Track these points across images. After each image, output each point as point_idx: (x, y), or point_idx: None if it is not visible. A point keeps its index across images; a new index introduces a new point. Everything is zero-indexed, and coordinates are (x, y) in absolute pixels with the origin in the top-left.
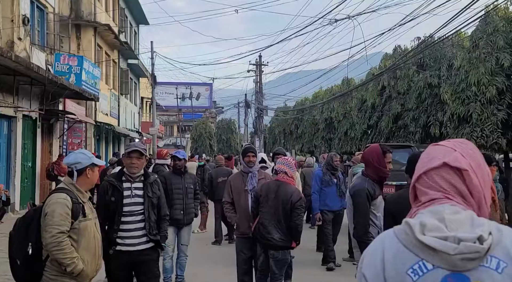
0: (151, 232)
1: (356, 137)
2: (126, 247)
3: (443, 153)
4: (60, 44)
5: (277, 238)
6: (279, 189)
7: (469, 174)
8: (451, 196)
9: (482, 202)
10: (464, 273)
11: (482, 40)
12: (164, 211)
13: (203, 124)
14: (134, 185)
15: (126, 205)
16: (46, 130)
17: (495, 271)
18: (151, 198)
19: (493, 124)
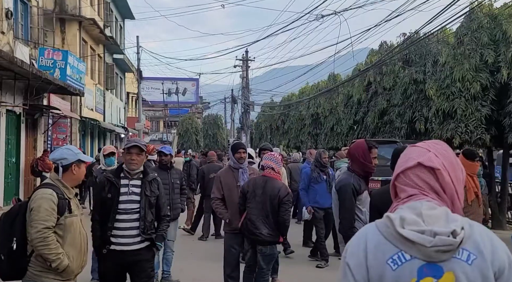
0: (145, 232)
1: (342, 133)
2: (120, 247)
3: (418, 154)
4: (44, 38)
5: (265, 233)
6: (266, 185)
7: (441, 173)
8: (426, 192)
9: (455, 198)
10: (438, 264)
11: (466, 36)
12: (165, 211)
13: (190, 120)
14: (132, 182)
15: (121, 203)
16: (31, 126)
17: (465, 262)
18: (148, 197)
19: (477, 119)
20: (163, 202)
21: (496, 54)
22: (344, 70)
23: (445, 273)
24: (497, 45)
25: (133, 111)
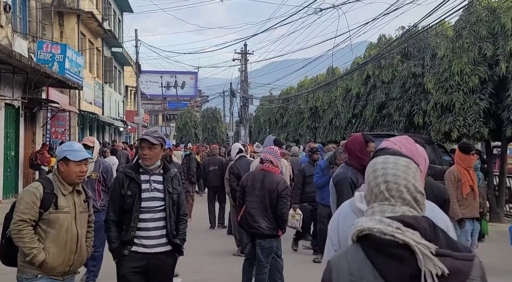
0: (171, 232)
1: (340, 126)
2: (143, 249)
3: (387, 146)
4: (43, 31)
5: (265, 227)
6: (265, 179)
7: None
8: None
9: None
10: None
11: (465, 29)
12: (183, 210)
13: (188, 113)
14: (153, 178)
15: (144, 200)
16: (29, 119)
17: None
18: (172, 194)
19: (475, 113)
20: (182, 200)
21: (494, 47)
22: (343, 64)
23: None
24: (495, 38)
25: (132, 105)
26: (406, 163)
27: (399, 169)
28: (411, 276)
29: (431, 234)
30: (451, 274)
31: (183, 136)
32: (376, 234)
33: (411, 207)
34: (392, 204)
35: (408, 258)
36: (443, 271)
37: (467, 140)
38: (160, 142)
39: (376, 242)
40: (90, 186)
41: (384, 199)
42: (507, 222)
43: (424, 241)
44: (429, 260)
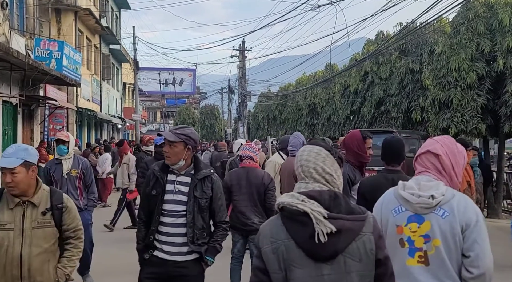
0: (194, 241)
1: (339, 123)
2: (163, 254)
3: (429, 144)
4: (40, 28)
5: (257, 222)
6: (249, 175)
7: (442, 158)
8: (429, 170)
9: (453, 176)
10: (421, 215)
11: (463, 25)
12: (221, 216)
13: (187, 110)
14: (179, 179)
15: (166, 202)
16: (27, 116)
17: (440, 216)
18: (198, 198)
19: (473, 109)
20: (219, 205)
21: (492, 44)
22: (341, 60)
23: (425, 221)
24: (493, 34)
25: (130, 102)
26: (317, 150)
27: (311, 156)
28: (310, 235)
29: (330, 203)
30: (342, 231)
31: None
32: (287, 206)
33: (321, 183)
34: (306, 182)
35: (307, 222)
36: (331, 229)
37: (464, 137)
38: (182, 140)
39: (287, 212)
40: (71, 184)
41: (301, 179)
42: (504, 217)
43: (319, 209)
44: (321, 223)
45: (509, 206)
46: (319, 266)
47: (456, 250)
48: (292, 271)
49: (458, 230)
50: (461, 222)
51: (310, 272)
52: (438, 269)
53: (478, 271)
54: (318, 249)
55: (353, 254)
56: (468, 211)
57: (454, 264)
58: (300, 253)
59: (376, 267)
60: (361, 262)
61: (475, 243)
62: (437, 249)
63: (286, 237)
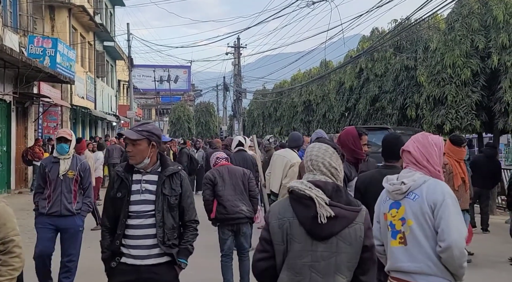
0: (164, 242)
1: (334, 120)
2: (132, 260)
3: (406, 143)
4: (34, 25)
5: (246, 210)
6: (229, 169)
7: (412, 153)
8: (408, 164)
9: (429, 167)
10: (399, 201)
11: (457, 22)
12: (191, 215)
13: (182, 107)
14: (145, 177)
15: (133, 203)
16: (21, 114)
17: (411, 200)
18: (167, 196)
19: (467, 105)
20: (188, 203)
21: (486, 40)
22: (336, 57)
23: (401, 206)
24: (487, 30)
25: (124, 99)
26: (325, 148)
27: (320, 152)
28: (312, 217)
29: (332, 193)
30: (338, 218)
31: (177, 131)
32: (296, 190)
33: (326, 176)
34: (314, 174)
35: (311, 205)
36: (331, 214)
37: (459, 133)
38: (145, 137)
39: (295, 195)
40: (65, 186)
41: (310, 171)
42: (498, 213)
43: (323, 196)
44: (322, 207)
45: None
46: (315, 244)
47: (429, 227)
48: (292, 244)
49: (427, 210)
50: (429, 202)
51: (307, 247)
52: (413, 247)
53: (444, 244)
54: (317, 229)
55: (345, 238)
56: (435, 193)
57: (430, 241)
58: (301, 230)
59: (363, 252)
60: (350, 246)
61: (441, 219)
62: (410, 229)
63: (292, 215)
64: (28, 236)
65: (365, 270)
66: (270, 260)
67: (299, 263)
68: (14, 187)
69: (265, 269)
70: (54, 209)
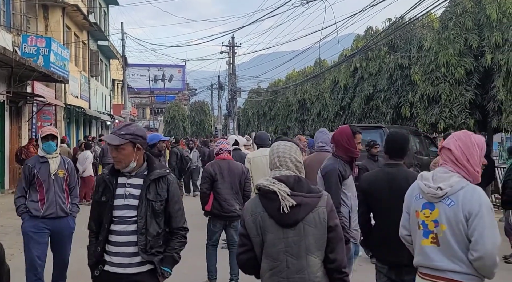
0: (147, 250)
1: (329, 118)
2: (114, 268)
3: (447, 140)
4: (27, 25)
5: (238, 209)
6: (230, 166)
7: (454, 151)
8: (446, 162)
9: (468, 167)
10: (433, 203)
11: (451, 21)
12: (178, 221)
13: (176, 106)
14: (130, 181)
15: (117, 208)
16: (15, 113)
17: (447, 205)
18: (151, 201)
19: (461, 104)
20: (176, 209)
21: (480, 39)
22: (330, 56)
23: (435, 208)
24: (481, 29)
25: (119, 98)
26: (290, 145)
27: (286, 148)
28: (278, 208)
29: (294, 185)
30: (302, 205)
31: (171, 130)
32: (262, 186)
33: (291, 170)
34: (280, 169)
35: (276, 198)
36: (292, 203)
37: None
38: (128, 140)
39: (262, 191)
40: (58, 186)
41: (276, 167)
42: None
43: (285, 188)
44: (285, 198)
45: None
46: (285, 231)
47: (461, 235)
48: (266, 235)
49: (461, 218)
50: (465, 211)
51: (279, 235)
52: (446, 249)
53: (477, 254)
54: (284, 218)
55: (310, 222)
56: (471, 202)
57: (462, 247)
58: (271, 222)
59: (328, 232)
60: (316, 228)
61: (475, 230)
62: (444, 233)
63: (262, 210)
64: (21, 237)
65: (333, 248)
66: (249, 252)
67: (275, 250)
68: (8, 187)
69: (247, 260)
70: (50, 211)
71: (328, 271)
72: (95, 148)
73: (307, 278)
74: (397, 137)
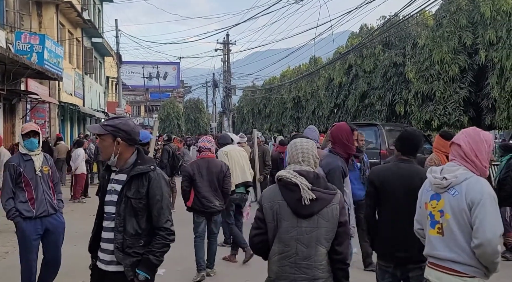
0: (123, 249)
1: (323, 116)
2: (100, 264)
3: (456, 135)
4: (21, 22)
5: (218, 205)
6: (209, 165)
7: (463, 147)
8: (455, 157)
9: (476, 162)
10: (440, 194)
11: (445, 19)
12: (159, 221)
13: (171, 104)
14: (116, 177)
15: (106, 204)
16: (8, 111)
17: (451, 195)
18: (130, 198)
19: (455, 102)
20: (157, 208)
21: (474, 36)
22: (325, 53)
23: (441, 199)
24: (475, 27)
25: (113, 96)
26: (312, 142)
27: (309, 145)
28: (297, 199)
29: (313, 180)
30: (319, 200)
31: (166, 127)
32: (284, 178)
33: (311, 166)
34: (300, 164)
35: (297, 190)
36: (312, 197)
37: (447, 129)
38: (108, 132)
39: (283, 182)
40: (45, 183)
41: (298, 162)
42: None
43: (306, 182)
44: (305, 191)
45: None
46: (300, 221)
47: (465, 224)
48: (281, 222)
49: (464, 207)
50: (467, 200)
51: (293, 223)
52: (449, 239)
53: (477, 241)
54: (301, 209)
55: (324, 216)
56: (474, 191)
57: (466, 236)
58: (288, 211)
59: (338, 227)
60: (328, 222)
61: (477, 218)
62: (448, 222)
63: (281, 199)
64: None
65: (340, 241)
66: (263, 235)
67: (287, 237)
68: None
69: (259, 242)
70: (41, 210)
71: (333, 261)
72: (90, 145)
73: (312, 265)
74: (413, 135)
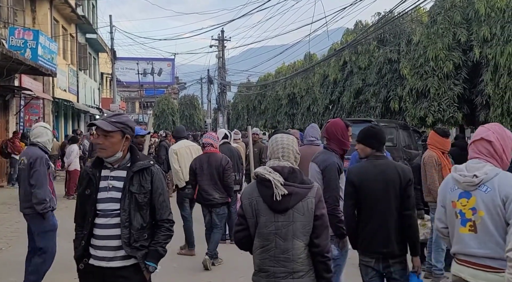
0: (131, 244)
1: (318, 112)
2: (98, 262)
3: (482, 132)
4: (15, 17)
5: (218, 197)
6: (210, 159)
7: (494, 143)
8: (481, 155)
9: (503, 157)
10: (469, 192)
11: (440, 15)
12: (163, 214)
13: (166, 100)
14: (113, 174)
15: (100, 201)
16: (2, 107)
17: (483, 192)
18: (135, 194)
19: (450, 98)
20: (160, 201)
21: (468, 33)
22: (320, 50)
23: (472, 196)
24: (469, 24)
25: (107, 92)
26: (292, 137)
27: (289, 141)
28: (271, 195)
29: (288, 175)
30: (292, 194)
31: (161, 124)
32: (259, 174)
33: (289, 162)
34: (279, 160)
35: (270, 186)
36: (284, 192)
37: (441, 125)
38: (119, 129)
39: (259, 178)
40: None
41: (277, 157)
42: None
43: (280, 178)
44: (278, 187)
45: None
46: (276, 216)
47: (500, 219)
48: (259, 217)
49: (499, 202)
50: (501, 195)
51: (270, 219)
52: (484, 235)
53: None
54: (275, 204)
55: (299, 210)
56: (507, 186)
57: (500, 231)
58: (265, 206)
59: (314, 220)
60: (303, 216)
61: None
62: (482, 219)
63: (258, 195)
64: (10, 230)
65: (318, 234)
66: (245, 231)
67: (266, 231)
68: None
69: (243, 238)
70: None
71: (312, 254)
72: (84, 142)
73: (291, 258)
74: (381, 131)
